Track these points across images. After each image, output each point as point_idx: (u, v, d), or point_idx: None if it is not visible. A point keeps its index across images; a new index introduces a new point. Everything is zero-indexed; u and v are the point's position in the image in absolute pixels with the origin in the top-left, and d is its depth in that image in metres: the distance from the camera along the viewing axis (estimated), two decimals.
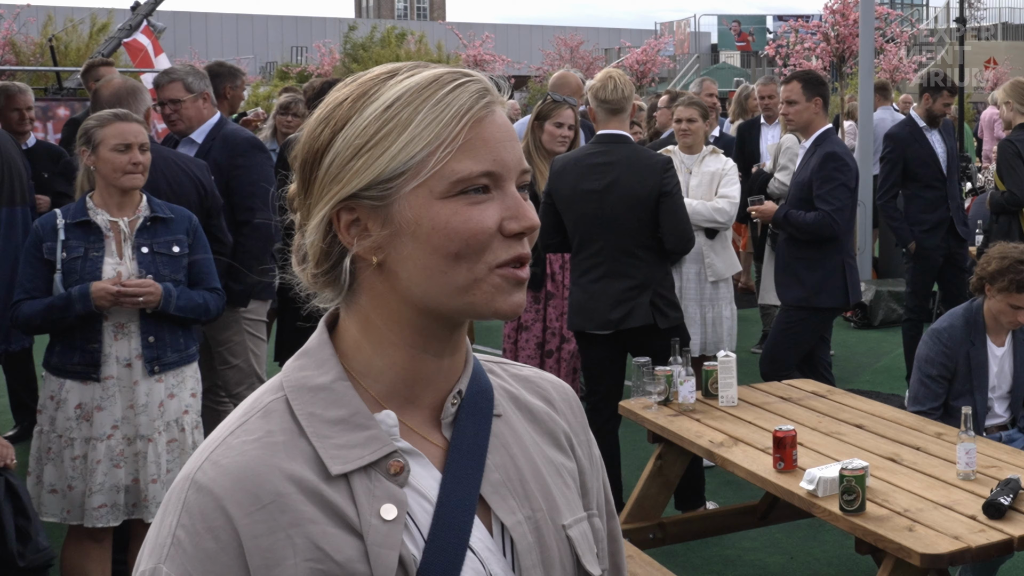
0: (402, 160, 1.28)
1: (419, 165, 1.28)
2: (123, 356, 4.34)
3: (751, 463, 4.41)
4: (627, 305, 5.54)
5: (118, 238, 4.37)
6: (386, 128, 1.29)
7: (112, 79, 5.53)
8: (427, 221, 1.28)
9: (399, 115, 1.29)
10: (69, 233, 4.31)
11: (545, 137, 6.30)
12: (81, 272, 4.27)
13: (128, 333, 4.35)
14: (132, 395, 4.35)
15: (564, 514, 1.43)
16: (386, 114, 1.29)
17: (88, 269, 4.28)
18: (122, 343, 4.35)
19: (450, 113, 1.29)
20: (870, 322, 10.70)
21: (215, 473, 1.26)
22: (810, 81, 6.57)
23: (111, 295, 4.22)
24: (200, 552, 1.23)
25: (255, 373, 5.85)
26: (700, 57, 43.08)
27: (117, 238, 4.37)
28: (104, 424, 4.31)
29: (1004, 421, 5.28)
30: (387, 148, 1.28)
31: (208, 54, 37.81)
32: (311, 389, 1.33)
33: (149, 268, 4.36)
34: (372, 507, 1.28)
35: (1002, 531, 3.70)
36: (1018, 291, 4.94)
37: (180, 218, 4.51)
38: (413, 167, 1.28)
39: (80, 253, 4.29)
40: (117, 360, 4.33)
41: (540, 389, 1.53)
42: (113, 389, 4.32)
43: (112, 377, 4.32)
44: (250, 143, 5.88)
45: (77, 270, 4.27)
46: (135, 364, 4.35)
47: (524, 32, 50.79)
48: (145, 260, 4.37)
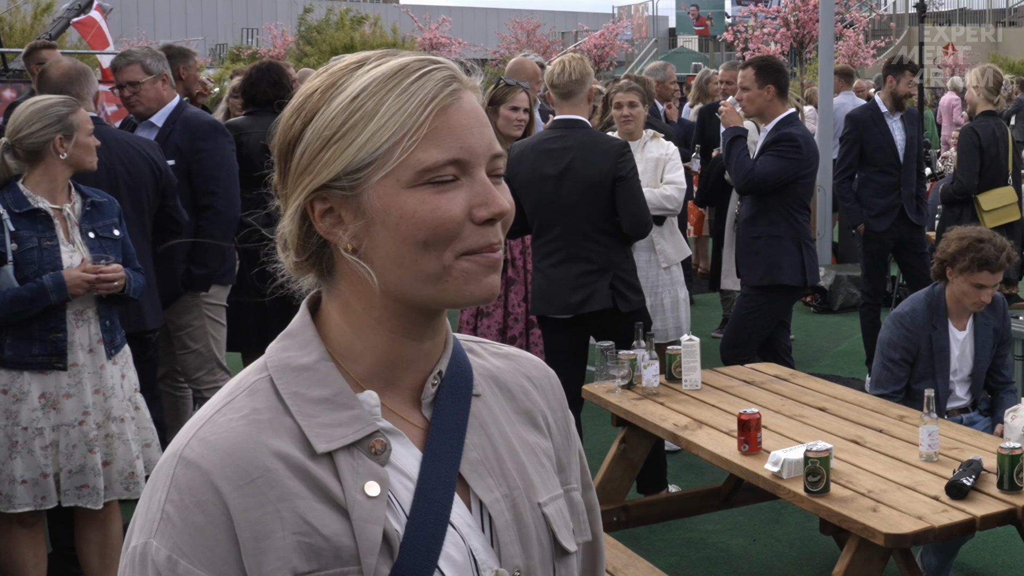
0: (368, 151, 1.30)
1: (385, 155, 1.29)
2: (85, 342, 4.31)
3: (716, 446, 4.42)
4: (587, 289, 5.54)
5: (64, 225, 4.31)
6: (352, 119, 1.30)
7: (60, 61, 5.42)
8: (395, 211, 1.30)
9: (365, 105, 1.30)
10: (17, 223, 4.21)
11: (501, 122, 6.25)
12: (40, 262, 4.20)
13: (87, 319, 4.32)
14: (100, 380, 4.32)
15: (540, 492, 1.45)
16: (352, 105, 1.31)
17: (47, 259, 4.21)
18: (83, 329, 4.31)
19: (415, 102, 1.30)
20: (830, 307, 10.77)
21: (203, 449, 1.28)
22: (763, 68, 6.55)
23: (87, 282, 4.19)
24: (189, 526, 1.25)
25: (215, 358, 5.81)
26: (658, 41, 43.12)
27: (64, 225, 4.31)
28: (75, 410, 4.27)
29: (965, 404, 5.33)
30: (354, 139, 1.30)
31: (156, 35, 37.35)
32: (295, 369, 1.35)
33: (100, 252, 4.33)
34: (356, 484, 1.30)
35: (964, 511, 3.73)
36: (979, 269, 4.98)
37: (109, 202, 4.49)
38: (379, 157, 1.30)
39: (34, 243, 4.21)
40: (81, 347, 4.30)
41: (521, 367, 1.55)
42: (80, 375, 4.28)
43: (77, 364, 4.28)
44: (212, 126, 5.82)
45: (35, 260, 4.19)
46: (97, 349, 4.32)
47: (480, 15, 50.54)
48: (95, 245, 4.33)
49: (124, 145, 5.16)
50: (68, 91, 5.05)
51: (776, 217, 6.48)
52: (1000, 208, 7.88)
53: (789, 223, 6.46)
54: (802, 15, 14.74)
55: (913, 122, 8.40)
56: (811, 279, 6.58)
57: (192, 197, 5.60)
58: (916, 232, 8.34)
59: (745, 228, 6.66)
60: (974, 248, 4.98)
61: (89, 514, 4.45)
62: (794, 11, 14.79)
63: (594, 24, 42.33)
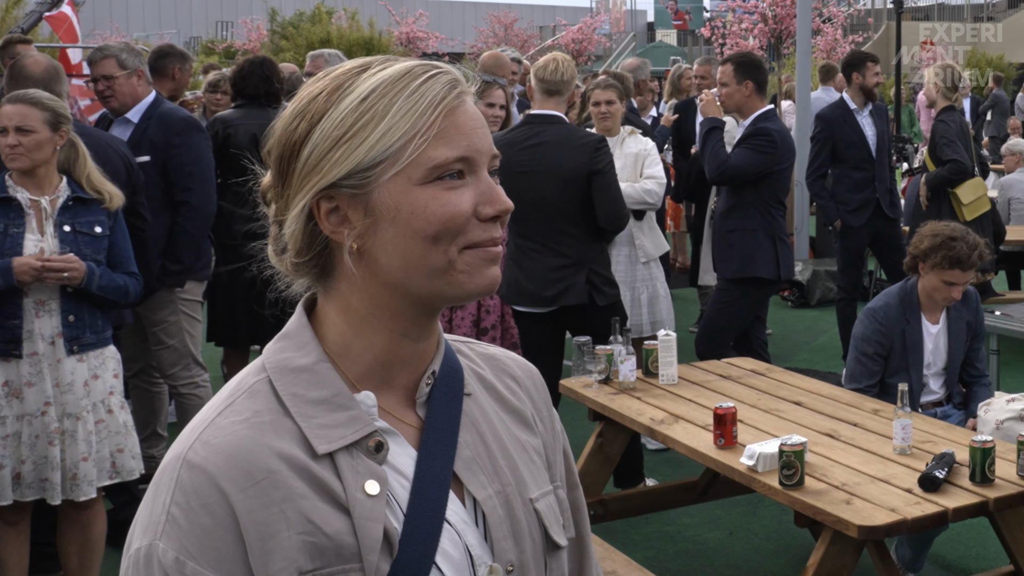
0: (380, 149, 1.33)
1: (397, 153, 1.33)
2: (46, 333, 4.30)
3: (692, 440, 4.44)
4: (562, 283, 5.55)
5: (39, 216, 4.32)
6: (364, 119, 1.34)
7: (36, 57, 5.39)
8: (406, 206, 1.34)
9: (375, 106, 1.34)
10: None
11: None
12: (1, 248, 4.22)
13: (49, 311, 4.31)
14: (57, 373, 4.31)
15: (531, 488, 1.49)
16: (363, 106, 1.34)
17: (8, 245, 4.23)
18: (44, 320, 4.30)
19: (424, 103, 1.34)
20: (807, 301, 10.81)
21: (207, 452, 1.31)
22: (742, 64, 6.59)
23: (35, 270, 4.18)
24: (196, 528, 1.27)
25: (190, 354, 5.79)
26: (636, 36, 43.03)
27: (38, 216, 4.32)
28: (37, 400, 4.27)
29: (939, 397, 5.36)
30: (365, 138, 1.33)
31: (129, 29, 37.11)
32: (293, 370, 1.38)
33: (71, 246, 4.31)
34: (357, 483, 1.33)
35: (937, 503, 3.76)
36: (951, 267, 5.01)
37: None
38: (391, 156, 1.33)
39: (0, 229, 4.24)
40: (41, 337, 4.29)
41: (506, 367, 1.59)
42: (40, 365, 4.28)
43: (37, 353, 4.28)
44: (187, 122, 5.80)
45: None
46: (57, 342, 4.31)
47: (458, 9, 50.43)
48: (67, 238, 4.32)
49: (97, 141, 5.14)
50: (52, 88, 5.06)
51: (751, 211, 6.50)
52: (976, 200, 7.94)
53: (764, 217, 6.48)
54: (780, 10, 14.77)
55: (882, 116, 8.46)
56: (785, 273, 6.61)
57: (167, 193, 5.59)
58: (892, 226, 8.41)
59: (720, 222, 6.69)
60: (947, 246, 5.01)
61: (72, 514, 4.45)
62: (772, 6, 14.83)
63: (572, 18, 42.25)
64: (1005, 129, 18.78)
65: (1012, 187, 10.60)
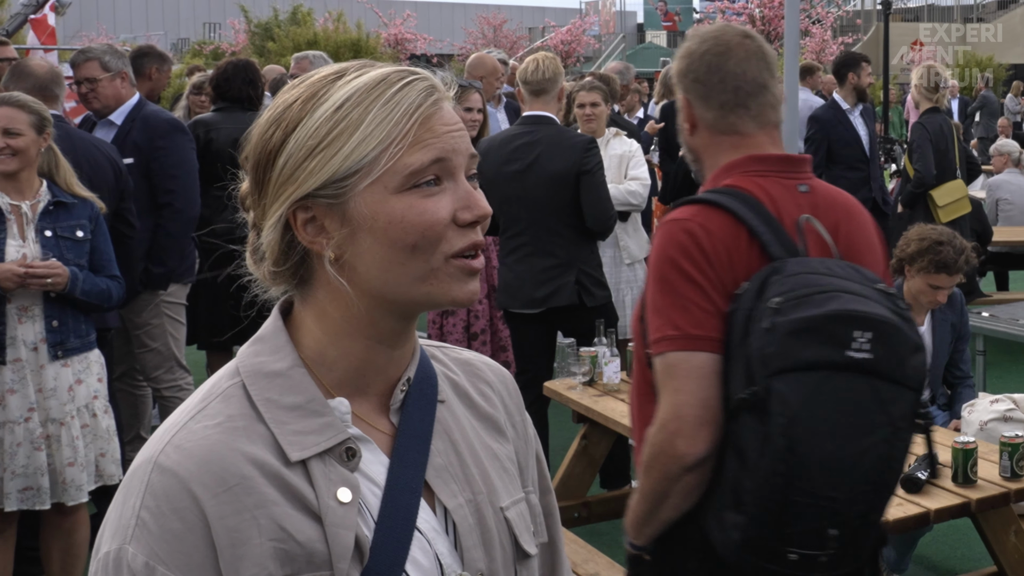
0: (355, 159, 1.32)
1: (372, 163, 1.32)
2: (29, 339, 4.27)
3: None
4: (552, 284, 5.55)
5: (20, 221, 4.29)
6: (338, 128, 1.32)
7: (40, 60, 5.42)
8: (383, 216, 1.32)
9: (350, 115, 1.32)
10: None
11: None
12: None
13: (32, 316, 4.28)
14: (40, 379, 4.28)
15: (502, 496, 1.48)
16: (337, 115, 1.33)
17: None
18: (27, 326, 4.27)
19: (400, 111, 1.33)
20: None
21: (179, 456, 1.29)
22: None
23: (18, 276, 4.15)
24: (166, 532, 1.26)
25: (174, 357, 5.78)
26: (626, 37, 43.09)
27: (19, 221, 4.29)
28: (20, 407, 4.24)
29: (924, 399, 5.34)
30: (340, 148, 1.32)
31: (116, 30, 37.04)
32: (267, 375, 1.37)
33: (53, 251, 4.29)
34: (329, 491, 1.33)
35: (919, 504, 3.76)
36: (936, 271, 5.01)
37: (83, 204, 4.45)
38: (366, 165, 1.32)
39: None
40: (24, 343, 4.26)
41: (480, 372, 1.58)
42: (23, 372, 4.25)
43: (20, 360, 4.25)
44: (171, 125, 5.79)
45: None
46: (40, 348, 4.29)
47: (446, 10, 50.40)
48: (49, 243, 4.30)
49: (87, 144, 5.15)
50: (53, 90, 5.11)
51: None
52: (953, 202, 7.94)
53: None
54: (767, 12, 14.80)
55: (871, 117, 8.48)
56: None
57: (151, 195, 5.57)
58: (884, 221, 8.42)
59: None
60: (933, 250, 5.01)
61: (54, 519, 4.43)
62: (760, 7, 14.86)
63: (561, 20, 42.35)
64: (995, 130, 18.83)
65: (1000, 188, 10.61)
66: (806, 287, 2.26)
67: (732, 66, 2.55)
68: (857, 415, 2.22)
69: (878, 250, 2.62)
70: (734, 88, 2.56)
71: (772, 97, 2.59)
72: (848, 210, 2.60)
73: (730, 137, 2.58)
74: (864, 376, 2.21)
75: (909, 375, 2.26)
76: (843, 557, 2.28)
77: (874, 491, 2.28)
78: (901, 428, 2.26)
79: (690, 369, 2.33)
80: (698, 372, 2.32)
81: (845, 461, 2.21)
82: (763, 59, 2.57)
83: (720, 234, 2.39)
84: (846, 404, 2.21)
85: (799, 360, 2.19)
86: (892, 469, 2.30)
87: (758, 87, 2.57)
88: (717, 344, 2.33)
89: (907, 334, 2.26)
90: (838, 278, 2.29)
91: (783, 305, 2.23)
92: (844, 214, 2.57)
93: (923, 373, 2.29)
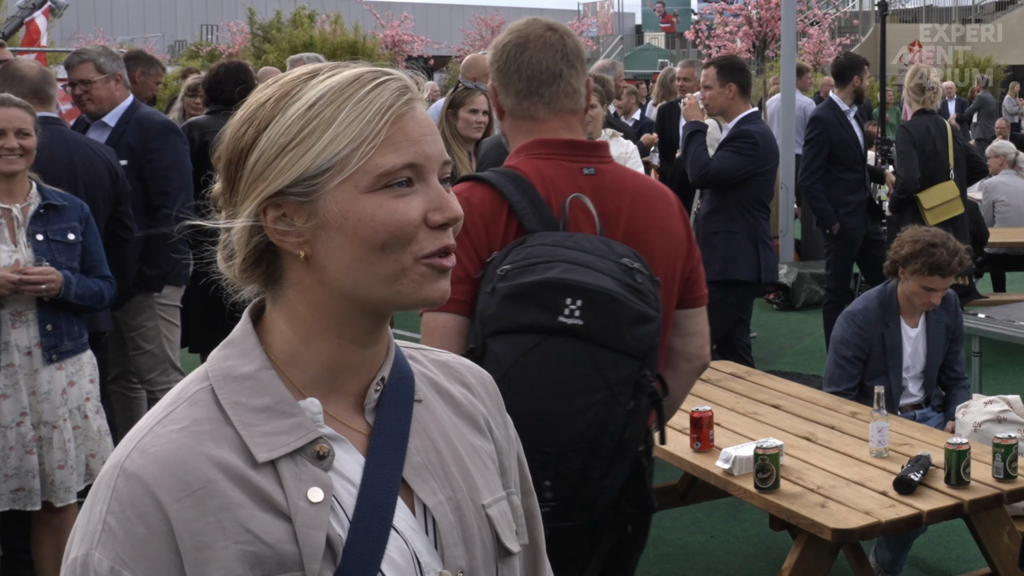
0: (326, 157, 1.32)
1: (343, 161, 1.32)
2: (23, 344, 4.27)
3: (669, 443, 4.38)
4: None
5: (11, 225, 4.28)
6: (310, 126, 1.33)
7: (29, 62, 5.42)
8: (353, 215, 1.33)
9: (322, 113, 1.33)
10: None
11: (460, 124, 6.30)
12: None
13: (26, 321, 4.28)
14: (34, 383, 4.28)
15: (483, 494, 1.48)
16: (309, 113, 1.33)
17: None
18: (20, 331, 4.27)
19: (372, 110, 1.33)
20: (792, 304, 10.81)
21: (144, 461, 1.29)
22: (725, 67, 6.62)
23: (12, 283, 4.15)
24: (131, 537, 1.26)
25: (168, 359, 5.77)
26: (624, 39, 43.10)
27: (10, 225, 4.28)
28: (12, 412, 4.24)
29: (918, 400, 5.36)
30: (311, 146, 1.32)
31: (114, 32, 37.06)
32: (236, 378, 1.37)
33: (45, 255, 4.28)
34: (299, 491, 1.32)
35: (912, 506, 3.77)
36: (930, 273, 5.01)
37: (72, 206, 4.44)
38: (337, 163, 1.32)
39: None
40: (18, 348, 4.26)
41: (458, 374, 1.58)
42: (16, 376, 4.24)
43: (14, 365, 4.24)
44: (165, 127, 5.79)
45: None
46: (35, 352, 4.28)
47: (444, 12, 50.37)
48: (41, 247, 4.29)
49: (83, 146, 5.15)
50: (47, 91, 5.10)
51: (734, 213, 6.51)
52: (941, 204, 7.91)
53: (746, 220, 6.49)
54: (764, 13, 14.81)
55: (864, 117, 8.49)
56: (767, 276, 6.61)
57: (145, 197, 5.57)
58: (876, 222, 8.43)
59: (703, 224, 6.70)
60: (926, 252, 5.01)
61: (45, 518, 4.42)
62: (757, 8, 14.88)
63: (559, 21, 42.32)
64: (992, 131, 18.83)
65: (997, 189, 10.61)
66: (535, 257, 2.45)
67: (528, 57, 2.73)
68: (571, 377, 2.37)
69: (672, 231, 2.78)
70: (528, 77, 2.73)
71: (567, 86, 2.76)
72: (637, 193, 2.75)
73: (526, 122, 2.78)
74: (580, 341, 2.37)
75: (630, 344, 2.39)
76: (567, 511, 2.41)
77: (590, 449, 2.40)
78: (620, 393, 2.40)
79: (434, 328, 2.55)
80: (441, 331, 2.53)
81: (558, 419, 2.36)
82: (561, 50, 2.75)
83: (480, 208, 2.59)
84: (560, 366, 2.37)
85: (514, 322, 2.39)
86: (609, 432, 2.40)
87: (552, 76, 2.73)
88: (462, 306, 2.52)
89: (628, 305, 2.40)
90: (575, 251, 2.46)
91: (508, 272, 2.43)
92: (631, 197, 2.73)
93: (648, 343, 2.42)
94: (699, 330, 3.09)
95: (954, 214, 7.92)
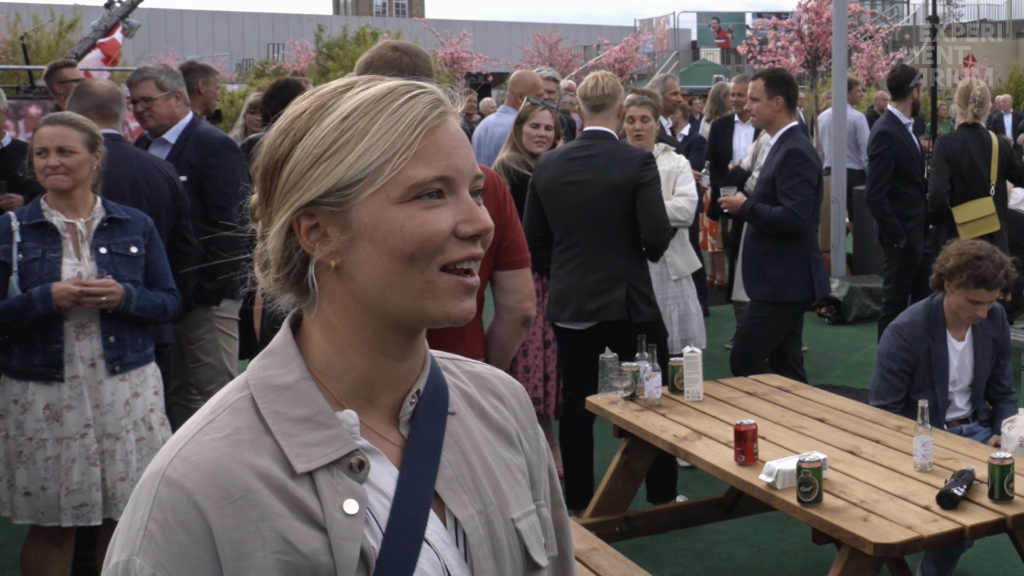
0: (359, 168, 1.34)
1: (375, 172, 1.34)
2: (87, 356, 4.35)
3: (714, 457, 4.48)
4: (603, 297, 5.63)
5: (75, 239, 4.37)
6: (344, 138, 1.35)
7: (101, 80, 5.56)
8: (384, 225, 1.34)
9: (356, 125, 1.35)
10: (25, 235, 4.30)
11: (523, 138, 6.53)
12: (40, 273, 4.27)
13: (90, 333, 4.36)
14: (98, 394, 4.36)
15: (513, 508, 1.50)
16: (343, 124, 1.35)
17: (47, 270, 4.28)
18: (84, 343, 4.36)
19: (405, 122, 1.35)
20: (844, 318, 10.78)
21: (186, 469, 1.31)
22: (773, 79, 6.65)
23: (73, 295, 4.22)
24: (172, 544, 1.28)
25: (227, 371, 5.88)
26: (680, 54, 43.06)
27: (74, 239, 4.37)
28: (77, 423, 4.32)
29: (965, 414, 5.36)
30: (345, 156, 1.34)
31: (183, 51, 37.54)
32: (276, 388, 1.38)
33: (108, 268, 4.37)
34: (335, 502, 1.34)
35: (955, 521, 3.77)
36: (976, 286, 5.02)
37: (136, 219, 4.53)
38: (370, 174, 1.34)
39: (38, 255, 4.29)
40: (82, 360, 4.34)
41: (491, 386, 1.59)
42: (80, 388, 4.33)
43: (78, 376, 4.33)
44: (223, 143, 5.91)
45: (36, 271, 4.27)
46: (98, 364, 4.37)
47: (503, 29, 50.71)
48: (104, 260, 4.37)
49: (145, 162, 5.28)
50: (112, 109, 5.22)
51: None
52: (974, 220, 7.85)
53: (797, 236, 6.48)
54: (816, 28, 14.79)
55: (919, 130, 8.47)
56: (820, 291, 6.60)
57: (204, 212, 5.70)
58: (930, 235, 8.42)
59: (752, 244, 6.68)
60: (972, 265, 5.02)
61: (108, 532, 4.48)
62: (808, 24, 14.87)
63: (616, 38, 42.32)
64: None
65: None
66: None
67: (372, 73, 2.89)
68: None
69: None
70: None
71: None
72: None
73: None
74: None
75: None
76: None
77: None
78: None
79: None
80: None
81: None
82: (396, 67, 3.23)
83: None
84: None
85: None
86: None
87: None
88: None
89: None
90: None
91: None
92: None
93: None
94: (517, 288, 3.67)
95: (989, 231, 7.79)
